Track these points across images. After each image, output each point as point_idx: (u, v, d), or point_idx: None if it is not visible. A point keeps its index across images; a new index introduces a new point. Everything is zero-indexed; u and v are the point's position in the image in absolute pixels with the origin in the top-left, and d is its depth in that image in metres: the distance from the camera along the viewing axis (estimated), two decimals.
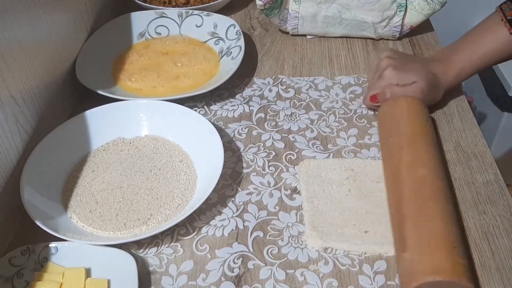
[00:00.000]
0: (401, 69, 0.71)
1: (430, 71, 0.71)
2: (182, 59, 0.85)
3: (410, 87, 0.70)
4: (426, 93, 0.70)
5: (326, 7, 0.86)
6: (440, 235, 0.52)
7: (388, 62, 0.72)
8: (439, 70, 0.72)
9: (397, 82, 0.70)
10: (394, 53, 0.75)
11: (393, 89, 0.70)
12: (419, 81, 0.70)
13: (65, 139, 0.68)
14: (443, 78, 0.72)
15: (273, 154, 0.70)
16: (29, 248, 0.57)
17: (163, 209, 0.62)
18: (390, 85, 0.70)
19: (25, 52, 0.64)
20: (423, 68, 0.71)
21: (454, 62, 0.73)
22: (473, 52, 0.72)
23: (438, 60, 0.75)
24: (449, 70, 0.73)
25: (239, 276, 0.56)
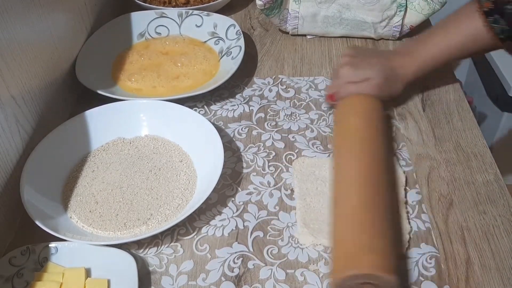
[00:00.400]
0: (357, 66, 0.71)
1: (387, 65, 0.70)
2: (182, 59, 0.85)
3: (364, 84, 0.69)
4: (382, 88, 0.69)
5: (326, 7, 0.86)
6: (362, 229, 0.53)
7: (346, 61, 0.72)
8: (399, 63, 0.71)
9: (352, 80, 0.70)
10: (354, 50, 0.75)
11: (347, 87, 0.70)
12: (374, 77, 0.69)
13: (65, 139, 0.68)
14: (402, 71, 0.71)
15: (273, 154, 0.70)
16: (29, 248, 0.57)
17: (163, 209, 0.62)
18: (345, 83, 0.70)
19: (25, 52, 0.64)
20: (380, 63, 0.71)
21: (416, 55, 0.71)
22: (437, 44, 0.71)
23: (399, 53, 0.74)
24: (410, 63, 0.71)
25: (239, 276, 0.56)
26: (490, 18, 0.67)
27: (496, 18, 0.67)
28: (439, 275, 0.55)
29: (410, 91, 0.78)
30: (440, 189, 0.64)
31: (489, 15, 0.67)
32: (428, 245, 0.58)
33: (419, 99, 0.78)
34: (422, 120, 0.74)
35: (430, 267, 0.56)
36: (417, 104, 0.77)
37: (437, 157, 0.68)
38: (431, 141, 0.71)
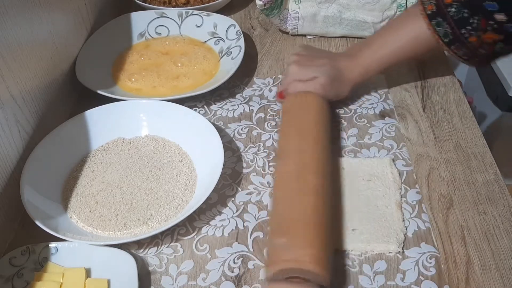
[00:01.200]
0: (304, 65, 0.72)
1: (334, 66, 0.71)
2: (182, 59, 0.85)
3: (311, 83, 0.70)
4: (328, 88, 0.70)
5: (326, 7, 0.86)
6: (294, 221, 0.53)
7: (294, 59, 0.73)
8: (345, 65, 0.72)
9: (299, 78, 0.71)
10: (304, 49, 0.76)
11: (295, 85, 0.71)
12: (320, 77, 0.70)
13: (65, 139, 0.68)
14: (348, 73, 0.72)
15: (273, 154, 0.70)
16: (29, 248, 0.57)
17: (163, 209, 0.62)
18: (293, 81, 0.71)
19: (25, 52, 0.64)
20: (327, 64, 0.71)
21: (361, 58, 0.72)
22: (381, 47, 0.71)
23: (347, 55, 0.75)
24: (355, 66, 0.72)
25: (239, 276, 0.56)
26: (433, 21, 0.67)
27: (439, 21, 0.67)
28: (439, 275, 0.55)
29: (410, 91, 0.78)
30: (440, 189, 0.64)
31: (432, 18, 0.67)
32: (428, 245, 0.58)
33: (419, 99, 0.78)
34: (422, 120, 0.74)
35: (430, 267, 0.56)
36: (417, 104, 0.77)
37: (437, 157, 0.68)
38: (431, 141, 0.71)
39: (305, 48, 0.77)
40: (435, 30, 0.67)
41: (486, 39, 0.65)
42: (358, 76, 0.72)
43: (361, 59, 0.72)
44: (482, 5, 0.63)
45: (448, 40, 0.67)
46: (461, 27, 0.65)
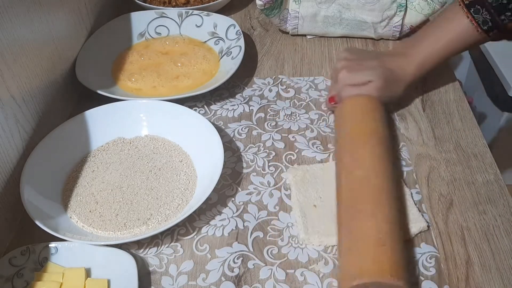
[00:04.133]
0: (355, 69, 0.71)
1: (386, 67, 0.70)
2: (182, 59, 0.85)
3: (365, 87, 0.69)
4: (383, 91, 0.69)
5: (326, 7, 0.86)
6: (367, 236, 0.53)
7: (342, 64, 0.72)
8: (397, 65, 0.71)
9: (351, 83, 0.70)
10: (350, 53, 0.75)
11: (348, 90, 0.70)
12: (375, 80, 0.69)
13: (65, 139, 0.68)
14: (402, 72, 0.71)
15: (273, 154, 0.70)
16: (29, 248, 0.57)
17: (163, 209, 0.62)
18: (344, 86, 0.70)
19: (25, 52, 0.64)
20: (379, 66, 0.71)
21: (414, 55, 0.72)
22: (435, 42, 0.71)
23: (396, 54, 0.74)
24: (409, 63, 0.71)
25: (239, 276, 0.56)
26: (472, 9, 0.68)
27: (477, 8, 0.67)
28: (439, 275, 0.55)
29: (410, 91, 0.78)
30: (440, 189, 0.64)
31: (471, 6, 0.68)
32: (428, 245, 0.58)
33: (419, 99, 0.78)
34: (422, 120, 0.74)
35: (430, 267, 0.56)
36: (417, 104, 0.77)
37: (437, 157, 0.68)
38: (431, 141, 0.71)
39: (351, 51, 0.75)
40: (474, 18, 0.68)
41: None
42: (412, 74, 0.71)
43: (414, 57, 0.71)
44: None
45: (487, 27, 0.67)
46: (500, 13, 0.66)
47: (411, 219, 0.59)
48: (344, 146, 0.64)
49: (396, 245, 0.52)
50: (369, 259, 0.51)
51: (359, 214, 0.55)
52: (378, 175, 0.59)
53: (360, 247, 0.52)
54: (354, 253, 0.52)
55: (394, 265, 0.50)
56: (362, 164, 0.60)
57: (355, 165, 0.60)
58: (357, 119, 0.66)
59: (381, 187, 0.57)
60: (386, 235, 0.53)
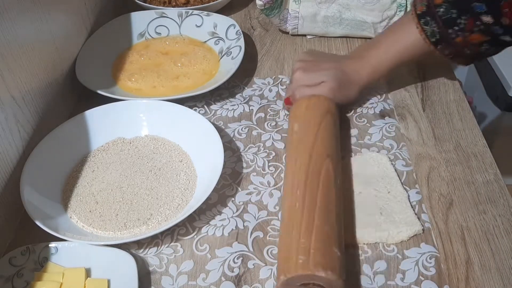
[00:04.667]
0: (310, 70, 0.71)
1: (341, 70, 0.71)
2: (182, 59, 0.85)
3: (318, 87, 0.70)
4: (336, 92, 0.70)
5: (326, 7, 0.86)
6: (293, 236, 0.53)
7: (298, 65, 0.73)
8: (352, 67, 0.72)
9: (305, 83, 0.70)
10: (308, 54, 0.76)
11: (302, 90, 0.70)
12: (328, 81, 0.70)
13: (65, 139, 0.68)
14: (356, 76, 0.72)
15: (273, 154, 0.70)
16: (29, 248, 0.57)
17: (163, 209, 0.62)
18: (299, 86, 0.71)
19: (25, 52, 0.64)
20: (334, 68, 0.71)
21: (368, 60, 0.72)
22: (387, 49, 0.71)
23: (352, 57, 0.74)
24: (362, 67, 0.72)
25: (239, 276, 0.56)
26: (422, 20, 0.68)
27: (427, 20, 0.67)
28: (439, 275, 0.55)
29: (410, 91, 0.78)
30: (440, 189, 0.64)
31: (421, 17, 0.68)
32: (428, 245, 0.58)
33: (419, 99, 0.78)
34: (422, 120, 0.74)
35: (430, 267, 0.56)
36: (417, 104, 0.77)
37: (437, 157, 0.68)
38: (431, 141, 0.71)
39: (309, 53, 0.77)
40: (423, 29, 0.68)
41: (472, 40, 0.66)
42: (366, 78, 0.72)
43: (368, 61, 0.72)
44: (471, 6, 0.64)
45: (435, 40, 0.68)
46: (449, 27, 0.66)
47: (406, 222, 0.59)
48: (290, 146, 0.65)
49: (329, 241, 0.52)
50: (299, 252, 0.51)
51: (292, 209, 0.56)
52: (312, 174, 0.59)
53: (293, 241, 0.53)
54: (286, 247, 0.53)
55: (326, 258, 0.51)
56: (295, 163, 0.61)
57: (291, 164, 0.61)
58: (305, 119, 0.67)
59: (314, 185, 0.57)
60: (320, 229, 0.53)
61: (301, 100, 0.70)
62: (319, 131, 0.64)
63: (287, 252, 0.52)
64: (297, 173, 0.60)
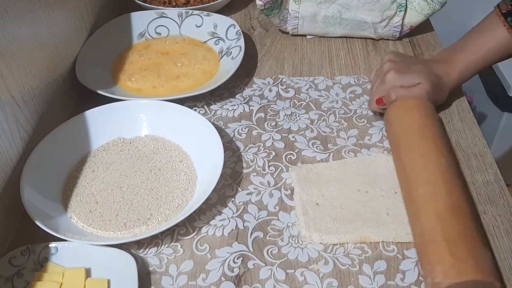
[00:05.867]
0: (404, 71, 0.71)
1: (433, 72, 0.71)
2: (182, 59, 0.85)
3: (415, 89, 0.69)
4: (431, 94, 0.70)
5: (326, 7, 0.86)
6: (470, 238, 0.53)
7: (390, 66, 0.72)
8: (442, 71, 0.72)
9: (401, 84, 0.70)
10: (396, 56, 0.75)
11: (398, 91, 0.70)
12: (424, 82, 0.69)
13: (65, 139, 0.68)
14: (446, 79, 0.72)
15: (273, 154, 0.70)
16: (29, 248, 0.57)
17: (163, 209, 0.62)
18: (394, 87, 0.70)
19: (25, 52, 0.64)
20: (426, 70, 0.71)
21: (457, 63, 0.73)
22: (475, 51, 0.72)
23: (440, 61, 0.74)
24: (452, 70, 0.73)
25: (239, 276, 0.56)
26: (509, 18, 0.70)
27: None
28: None
29: None
30: None
31: (508, 15, 0.70)
32: None
33: None
34: None
35: None
36: None
37: None
38: None
39: (396, 54, 0.76)
40: (510, 26, 0.69)
41: None
42: (456, 80, 0.73)
43: (457, 64, 0.73)
44: None
45: None
46: None
47: None
48: (410, 145, 0.63)
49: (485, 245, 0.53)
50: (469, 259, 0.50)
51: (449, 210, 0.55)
52: (455, 173, 0.59)
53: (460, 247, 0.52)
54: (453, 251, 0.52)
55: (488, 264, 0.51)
56: (438, 161, 0.60)
57: (431, 162, 0.60)
58: (415, 120, 0.66)
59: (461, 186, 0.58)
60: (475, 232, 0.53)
61: (403, 101, 0.68)
62: (435, 133, 0.64)
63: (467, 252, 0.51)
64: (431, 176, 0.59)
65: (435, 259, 0.51)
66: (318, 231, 0.59)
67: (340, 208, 0.61)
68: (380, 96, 0.71)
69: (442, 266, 0.50)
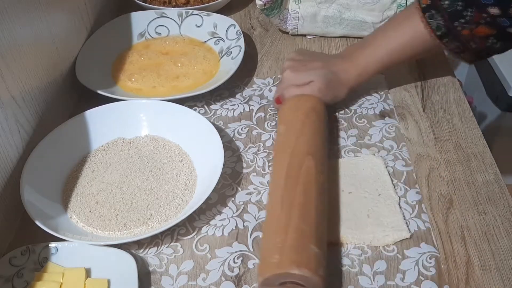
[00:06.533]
0: (299, 69, 0.71)
1: (330, 70, 0.71)
2: (182, 59, 0.85)
3: (307, 87, 0.70)
4: (324, 92, 0.70)
5: (326, 7, 0.86)
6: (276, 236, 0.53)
7: (287, 64, 0.73)
8: (341, 67, 0.72)
9: (294, 83, 0.71)
10: (298, 53, 0.76)
11: (290, 89, 0.71)
12: (316, 80, 0.70)
13: (65, 139, 0.68)
14: (345, 75, 0.71)
15: (273, 154, 0.70)
16: (29, 248, 0.57)
17: (163, 209, 0.62)
18: (288, 86, 0.71)
19: (25, 52, 0.64)
20: (322, 67, 0.71)
21: (357, 59, 0.72)
22: (378, 48, 0.71)
23: (342, 56, 0.74)
24: (351, 67, 0.72)
25: (239, 276, 0.56)
26: (427, 13, 0.67)
27: (433, 13, 0.66)
28: (439, 275, 0.55)
29: (410, 91, 0.78)
30: (440, 189, 0.64)
31: (426, 11, 0.67)
32: (428, 245, 0.58)
33: (419, 99, 0.78)
34: (422, 120, 0.74)
35: (430, 267, 0.56)
36: (417, 104, 0.77)
37: (437, 157, 0.68)
38: (431, 141, 0.71)
39: (299, 52, 0.77)
40: (428, 22, 0.67)
41: (478, 33, 0.65)
42: (355, 78, 0.72)
43: (357, 61, 0.72)
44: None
45: (440, 33, 0.67)
46: (454, 20, 0.65)
47: (393, 226, 0.59)
48: (276, 147, 0.65)
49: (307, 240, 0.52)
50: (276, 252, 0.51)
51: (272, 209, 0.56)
52: (292, 173, 0.59)
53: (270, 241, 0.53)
54: (265, 247, 0.53)
55: (304, 257, 0.50)
56: (278, 165, 0.61)
57: (275, 166, 0.62)
58: (289, 119, 0.67)
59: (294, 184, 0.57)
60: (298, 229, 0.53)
61: (288, 100, 0.70)
62: (301, 129, 0.64)
63: (264, 252, 0.53)
64: (277, 173, 0.60)
65: None
66: None
67: None
68: (277, 95, 0.72)
69: None
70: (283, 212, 0.55)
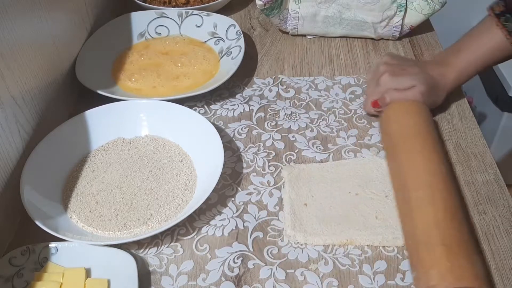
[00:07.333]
0: (398, 74, 0.71)
1: (429, 74, 0.71)
2: (182, 59, 0.85)
3: (409, 91, 0.69)
4: (426, 96, 0.70)
5: (326, 7, 0.86)
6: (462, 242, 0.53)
7: (385, 68, 0.72)
8: (438, 73, 0.72)
9: (395, 87, 0.70)
10: (392, 58, 0.75)
11: (392, 93, 0.70)
12: (418, 85, 0.69)
13: (65, 139, 0.68)
14: (442, 81, 0.72)
15: (273, 154, 0.70)
16: (29, 248, 0.57)
17: (163, 209, 0.62)
18: (388, 90, 0.70)
19: (25, 52, 0.64)
20: (422, 72, 0.71)
21: (454, 64, 0.72)
22: (472, 53, 0.72)
23: (437, 62, 0.74)
24: (449, 72, 0.72)
25: (239, 276, 0.56)
26: (502, 18, 0.69)
27: (508, 17, 0.68)
28: None
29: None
30: None
31: (501, 16, 0.69)
32: None
33: None
34: None
35: None
36: None
37: None
38: None
39: (392, 56, 0.76)
40: (504, 26, 0.69)
41: None
42: (453, 82, 0.73)
43: (454, 66, 0.72)
44: None
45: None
46: None
47: None
48: (409, 147, 0.63)
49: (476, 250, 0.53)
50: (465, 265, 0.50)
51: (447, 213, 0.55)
52: (449, 176, 0.59)
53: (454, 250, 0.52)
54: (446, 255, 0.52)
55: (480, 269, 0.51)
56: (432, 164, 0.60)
57: (424, 164, 0.60)
58: (409, 123, 0.66)
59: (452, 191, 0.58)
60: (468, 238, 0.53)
61: (397, 104, 0.69)
62: (428, 135, 0.64)
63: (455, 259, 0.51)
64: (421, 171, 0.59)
65: (431, 262, 0.51)
66: (303, 231, 0.59)
67: (328, 209, 0.61)
68: (375, 99, 0.71)
69: (438, 269, 0.50)
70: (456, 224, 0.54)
